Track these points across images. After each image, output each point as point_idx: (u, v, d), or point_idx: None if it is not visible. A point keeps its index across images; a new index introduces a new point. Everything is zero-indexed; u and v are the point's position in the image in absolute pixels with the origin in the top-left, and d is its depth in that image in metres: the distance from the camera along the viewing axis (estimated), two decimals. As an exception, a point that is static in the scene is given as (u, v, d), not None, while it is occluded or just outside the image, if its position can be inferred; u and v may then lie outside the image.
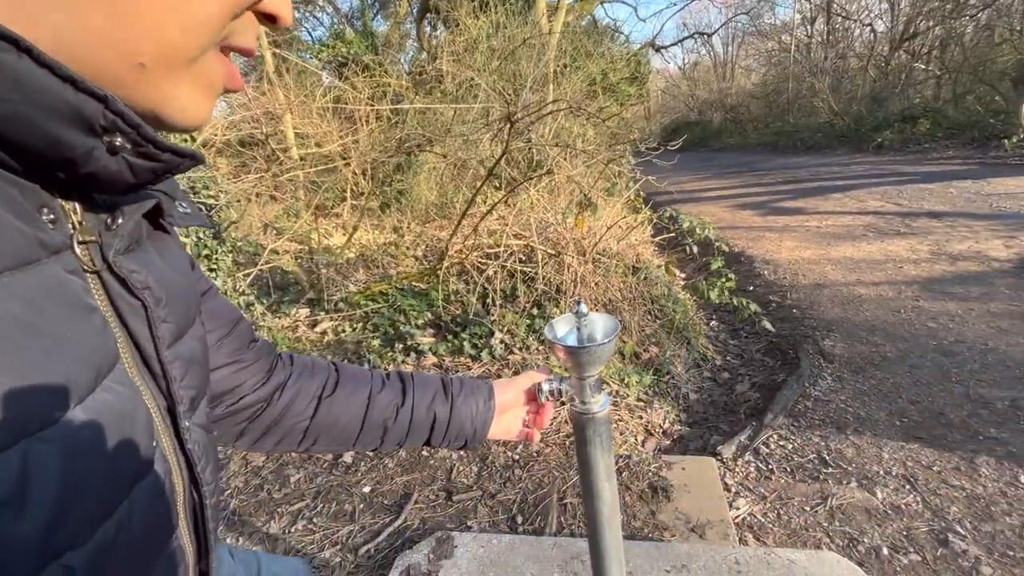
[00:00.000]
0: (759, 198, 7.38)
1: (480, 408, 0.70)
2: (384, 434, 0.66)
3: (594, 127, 5.57)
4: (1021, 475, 1.71)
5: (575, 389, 0.72)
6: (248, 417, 0.60)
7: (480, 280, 3.05)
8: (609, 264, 3.18)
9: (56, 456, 0.27)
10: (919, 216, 5.20)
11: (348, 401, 0.64)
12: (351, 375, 0.67)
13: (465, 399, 0.70)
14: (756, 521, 1.67)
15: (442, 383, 0.71)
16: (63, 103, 0.26)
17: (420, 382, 0.70)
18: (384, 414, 0.65)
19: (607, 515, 0.78)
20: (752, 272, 4.21)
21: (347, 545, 1.65)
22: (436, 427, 0.68)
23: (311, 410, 0.63)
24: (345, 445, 0.66)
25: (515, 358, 2.73)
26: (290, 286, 4.31)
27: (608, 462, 0.76)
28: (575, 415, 0.74)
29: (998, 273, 3.46)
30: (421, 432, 0.68)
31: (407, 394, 0.67)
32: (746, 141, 15.93)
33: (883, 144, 10.72)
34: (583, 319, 0.69)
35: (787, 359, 2.82)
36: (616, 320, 0.70)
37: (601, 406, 0.72)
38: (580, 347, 0.66)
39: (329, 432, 0.64)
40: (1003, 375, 2.29)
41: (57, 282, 0.29)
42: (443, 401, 0.69)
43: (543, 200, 3.74)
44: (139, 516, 0.32)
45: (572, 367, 0.70)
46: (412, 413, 0.67)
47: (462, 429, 0.69)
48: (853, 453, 1.94)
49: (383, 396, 0.66)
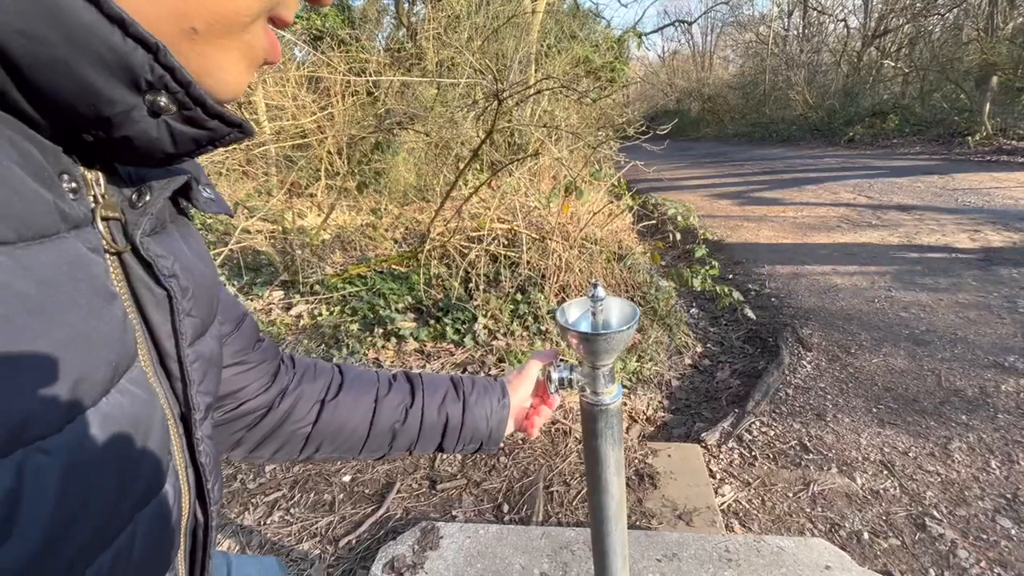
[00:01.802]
0: (736, 188, 7.47)
1: (495, 407, 0.66)
2: (392, 439, 0.61)
3: (577, 112, 5.50)
4: (992, 461, 1.77)
5: (587, 378, 0.68)
6: (248, 424, 0.54)
7: (463, 264, 2.97)
8: (593, 250, 3.15)
9: (57, 471, 0.22)
10: (889, 209, 5.35)
11: (353, 404, 0.59)
12: (356, 377, 0.62)
13: (479, 398, 0.65)
14: (742, 507, 1.68)
15: (452, 383, 0.67)
16: (107, 48, 0.22)
17: (429, 382, 0.65)
18: (392, 417, 0.60)
19: (614, 511, 0.75)
20: (731, 261, 4.25)
21: (327, 536, 1.59)
22: (449, 429, 0.63)
23: (313, 415, 0.57)
24: (350, 452, 0.61)
25: (499, 344, 2.68)
26: (263, 267, 4.15)
27: (618, 456, 0.71)
28: (586, 406, 0.69)
29: (964, 264, 3.58)
30: (433, 435, 0.63)
31: (416, 395, 0.62)
32: (723, 131, 16.10)
33: (854, 138, 11.00)
34: (599, 303, 0.64)
35: (766, 347, 2.85)
36: (635, 307, 0.65)
37: (614, 397, 0.68)
38: (595, 334, 0.61)
39: (333, 439, 0.58)
40: (972, 364, 2.37)
41: (77, 260, 0.24)
42: (455, 401, 0.64)
43: (527, 184, 3.67)
44: (140, 546, 0.27)
45: (585, 355, 0.65)
46: (422, 415, 0.62)
47: (477, 430, 0.65)
48: (833, 439, 1.97)
49: (391, 398, 0.61)
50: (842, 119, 12.15)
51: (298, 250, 3.71)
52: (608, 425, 0.68)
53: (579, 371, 0.68)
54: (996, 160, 7.63)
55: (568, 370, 0.69)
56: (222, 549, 1.54)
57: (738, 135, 14.90)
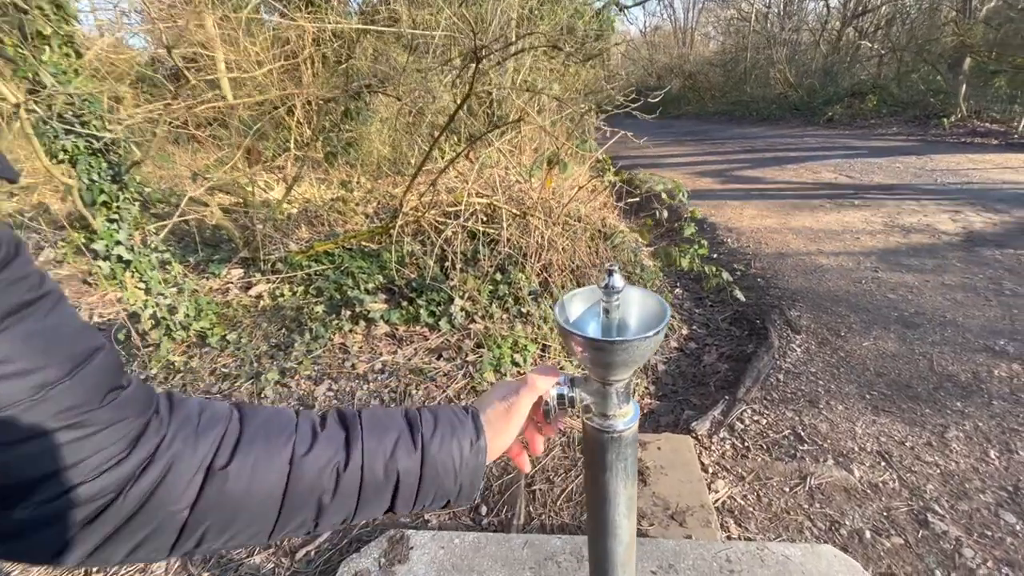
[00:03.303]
0: (718, 166, 7.37)
1: (466, 454, 0.48)
2: (318, 515, 0.43)
3: (560, 82, 5.24)
4: (990, 450, 1.70)
5: (594, 397, 0.51)
6: (84, 519, 0.34)
7: (438, 241, 2.76)
8: (577, 227, 2.97)
9: None
10: (870, 189, 5.31)
11: (257, 470, 0.40)
12: (263, 426, 0.43)
13: (443, 443, 0.47)
14: (736, 505, 1.57)
15: (408, 421, 0.48)
16: None
17: (373, 425, 0.47)
18: (317, 485, 0.42)
19: (622, 557, 0.59)
20: (716, 240, 4.14)
21: (282, 548, 1.41)
22: (401, 490, 0.46)
23: (193, 491, 0.38)
24: (253, 539, 0.42)
25: (477, 327, 2.51)
26: (222, 243, 3.85)
27: (631, 493, 0.55)
28: (592, 432, 0.52)
29: (948, 246, 3.55)
30: (378, 500, 0.45)
31: (352, 447, 0.44)
32: (704, 109, 15.96)
33: (833, 118, 11.01)
34: (614, 297, 0.47)
35: (754, 329, 2.76)
36: (663, 303, 0.47)
37: (628, 421, 0.51)
38: (610, 342, 0.44)
39: (226, 524, 0.39)
40: (963, 347, 2.32)
41: None
42: (410, 450, 0.46)
43: (507, 157, 3.45)
44: None
45: (593, 366, 0.48)
46: (362, 476, 0.44)
47: (441, 487, 0.47)
48: (827, 428, 1.88)
49: (315, 456, 0.42)
50: (821, 99, 12.13)
51: (259, 224, 3.42)
52: (621, 456, 0.51)
53: (584, 387, 0.51)
54: (971, 142, 7.70)
55: (568, 385, 0.51)
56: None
57: (719, 113, 14.78)
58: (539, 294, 2.67)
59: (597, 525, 0.57)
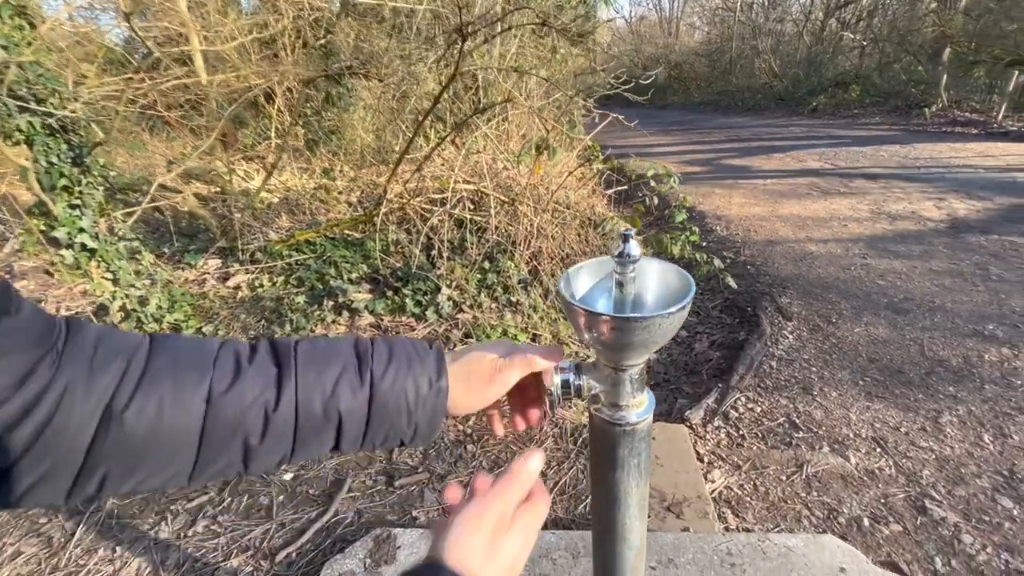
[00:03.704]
0: (705, 155, 7.36)
1: (423, 392, 0.42)
2: (247, 456, 0.37)
3: (546, 68, 5.15)
4: (984, 435, 1.69)
5: (605, 385, 0.45)
6: None
7: (424, 229, 2.68)
8: (566, 215, 2.91)
9: None
10: (856, 177, 5.33)
11: (164, 410, 0.34)
12: (174, 359, 0.36)
13: (396, 379, 0.41)
14: (733, 494, 1.54)
15: (356, 353, 0.42)
16: None
17: (311, 356, 0.40)
18: (240, 425, 0.36)
19: (632, 563, 0.53)
20: (705, 228, 4.11)
21: (261, 550, 1.34)
22: (345, 431, 0.40)
23: (88, 435, 0.32)
24: (173, 480, 0.37)
25: (465, 317, 2.43)
26: (199, 233, 3.70)
27: (643, 493, 0.49)
28: (601, 424, 0.46)
29: (934, 233, 3.56)
30: (318, 441, 0.40)
31: (285, 384, 0.38)
32: (689, 99, 15.97)
33: (817, 108, 11.08)
34: (628, 268, 0.40)
35: (745, 316, 2.73)
36: (686, 275, 0.41)
37: (643, 412, 0.45)
38: (625, 319, 0.38)
39: (130, 467, 0.34)
40: (953, 332, 2.31)
41: None
42: (354, 387, 0.40)
43: (494, 143, 3.36)
44: None
45: (604, 349, 0.42)
46: (297, 416, 0.38)
47: (393, 427, 0.42)
48: (822, 415, 1.86)
49: (237, 394, 0.36)
50: (806, 89, 12.20)
51: (237, 213, 3.29)
52: (634, 452, 0.45)
53: (592, 374, 0.44)
54: (951, 131, 7.80)
55: (574, 371, 0.45)
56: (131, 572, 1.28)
57: (704, 103, 14.79)
58: (528, 282, 2.61)
59: (605, 528, 0.51)
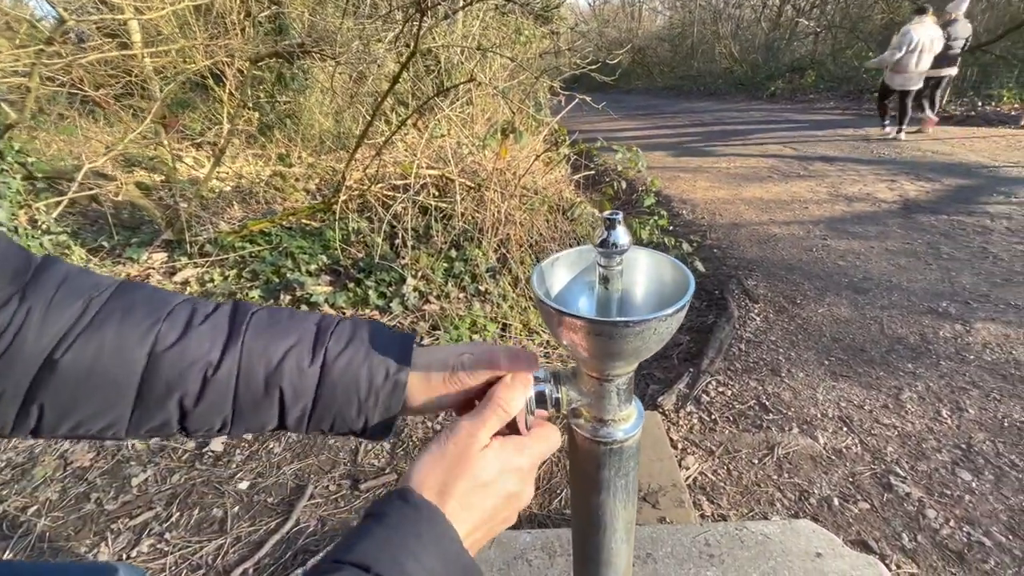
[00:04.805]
0: (669, 140, 7.41)
1: (376, 383, 0.37)
2: (183, 418, 0.36)
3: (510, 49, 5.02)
4: (943, 410, 1.75)
5: (586, 398, 0.38)
6: None
7: (387, 217, 2.56)
8: (534, 200, 2.84)
9: None
10: (814, 160, 5.47)
11: (101, 357, 0.34)
12: (128, 306, 0.36)
13: (351, 363, 0.37)
14: (708, 480, 1.53)
15: (317, 326, 0.39)
16: None
17: (265, 326, 0.38)
18: (176, 384, 0.35)
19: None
20: (671, 211, 4.13)
21: (215, 567, 1.24)
22: (288, 409, 0.37)
23: (38, 363, 0.33)
24: (110, 431, 0.35)
25: (432, 308, 2.35)
26: (142, 225, 3.45)
27: (630, 516, 0.43)
28: (584, 442, 0.40)
29: (888, 214, 3.68)
30: (257, 415, 0.37)
31: (230, 348, 0.36)
32: (653, 84, 16.10)
33: (775, 93, 11.33)
34: (615, 260, 0.34)
35: (712, 299, 2.75)
36: (684, 269, 0.35)
37: (629, 428, 0.39)
38: (614, 324, 0.32)
39: (65, 409, 0.34)
40: (910, 310, 2.39)
41: None
42: (302, 364, 0.37)
43: (459, 127, 3.24)
44: None
45: (588, 357, 0.35)
46: (236, 385, 0.36)
47: (340, 415, 0.38)
48: (790, 397, 1.88)
49: (179, 351, 0.35)
50: (764, 74, 12.46)
51: (183, 202, 3.07)
52: (621, 472, 0.39)
53: (572, 384, 0.38)
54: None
55: (552, 381, 0.38)
56: None
57: (668, 88, 14.94)
58: (497, 271, 2.54)
59: (587, 554, 0.45)
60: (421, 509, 0.30)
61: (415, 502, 0.30)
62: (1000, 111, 7.33)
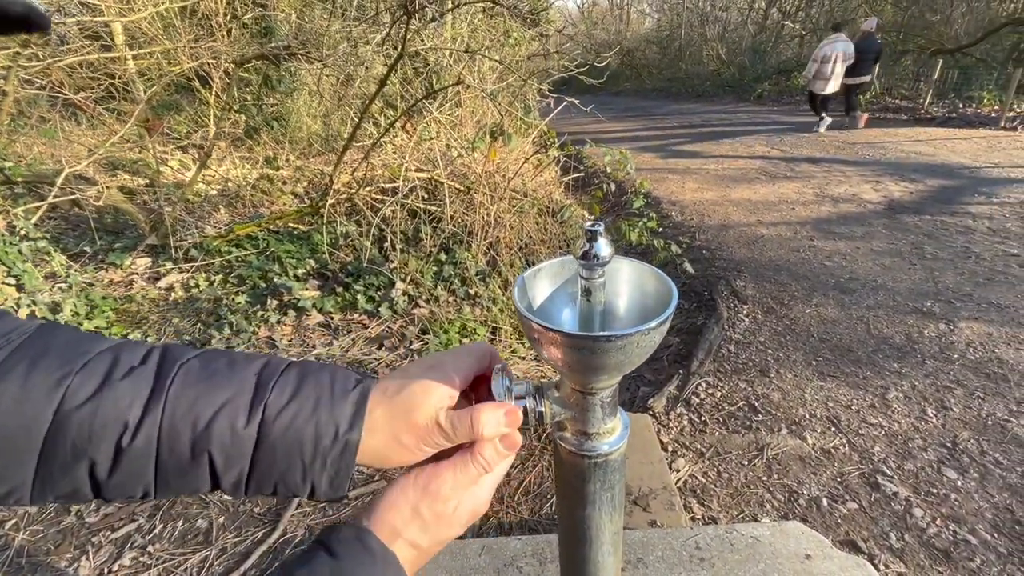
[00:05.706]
0: (658, 141, 7.45)
1: (323, 444, 0.33)
2: (97, 488, 0.31)
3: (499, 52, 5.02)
4: (928, 409, 1.77)
5: (570, 411, 0.38)
6: None
7: (375, 220, 2.54)
8: (524, 203, 2.84)
9: None
10: (800, 162, 5.53)
11: (2, 406, 0.28)
12: (43, 348, 0.31)
13: (295, 420, 0.32)
14: (698, 483, 1.53)
15: (258, 377, 0.34)
16: None
17: (196, 378, 0.32)
18: (85, 450, 0.30)
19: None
20: (660, 213, 4.15)
21: None
22: (221, 474, 0.32)
23: None
24: (14, 494, 0.30)
25: (421, 312, 2.33)
26: (126, 229, 3.39)
27: (617, 528, 0.43)
28: (568, 456, 0.39)
29: (873, 214, 3.73)
30: (185, 482, 0.32)
31: (151, 407, 0.31)
32: (641, 86, 16.20)
33: (762, 95, 11.46)
34: (597, 272, 0.33)
35: (702, 300, 2.76)
36: (668, 280, 0.34)
37: (615, 441, 0.38)
38: (595, 339, 0.31)
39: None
40: (895, 310, 2.42)
41: None
42: (237, 424, 0.32)
43: (448, 129, 3.23)
44: None
45: (571, 371, 0.35)
46: (157, 451, 0.31)
47: (283, 480, 0.33)
48: (779, 397, 1.89)
49: (89, 411, 0.30)
50: (751, 76, 12.60)
51: (168, 206, 3.02)
52: (606, 485, 0.39)
53: (555, 397, 0.37)
54: (884, 117, 8.24)
55: (534, 395, 0.37)
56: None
57: (656, 89, 15.05)
58: (487, 274, 2.53)
59: (574, 566, 0.44)
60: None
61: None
62: (980, 113, 7.48)
